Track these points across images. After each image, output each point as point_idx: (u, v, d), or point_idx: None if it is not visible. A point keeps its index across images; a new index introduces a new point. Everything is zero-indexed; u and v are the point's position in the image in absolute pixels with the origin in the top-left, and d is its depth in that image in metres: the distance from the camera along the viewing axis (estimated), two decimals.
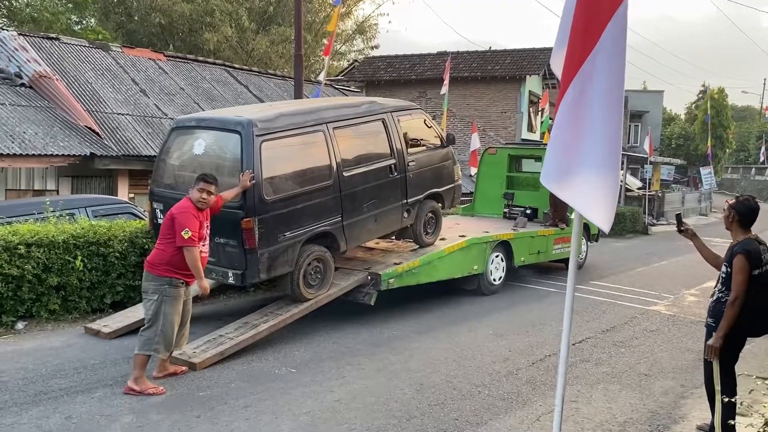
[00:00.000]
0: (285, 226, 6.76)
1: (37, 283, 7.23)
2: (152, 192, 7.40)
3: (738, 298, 4.44)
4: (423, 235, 8.79)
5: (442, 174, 9.08)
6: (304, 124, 7.21)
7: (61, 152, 10.73)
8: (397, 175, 8.18)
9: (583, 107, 2.93)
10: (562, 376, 3.54)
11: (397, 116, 8.44)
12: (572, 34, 2.93)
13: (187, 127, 7.30)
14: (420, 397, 5.56)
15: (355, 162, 7.66)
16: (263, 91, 17.93)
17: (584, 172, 2.98)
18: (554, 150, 3.05)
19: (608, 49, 2.86)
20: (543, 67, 23.80)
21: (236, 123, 6.72)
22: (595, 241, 13.72)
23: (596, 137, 2.93)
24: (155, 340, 5.50)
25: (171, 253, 5.46)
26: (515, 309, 9.10)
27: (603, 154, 2.91)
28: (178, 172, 7.17)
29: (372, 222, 7.88)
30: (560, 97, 3.00)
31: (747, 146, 55.87)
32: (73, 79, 13.35)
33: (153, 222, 7.39)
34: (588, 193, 2.98)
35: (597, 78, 2.90)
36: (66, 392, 5.40)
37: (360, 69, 26.29)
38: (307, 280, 7.14)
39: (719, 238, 19.75)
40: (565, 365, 3.52)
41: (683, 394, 6.00)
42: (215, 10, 27.83)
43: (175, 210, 5.55)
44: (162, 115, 13.96)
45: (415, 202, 8.49)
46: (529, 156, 13.46)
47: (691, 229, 4.95)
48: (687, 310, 9.65)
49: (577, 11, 2.93)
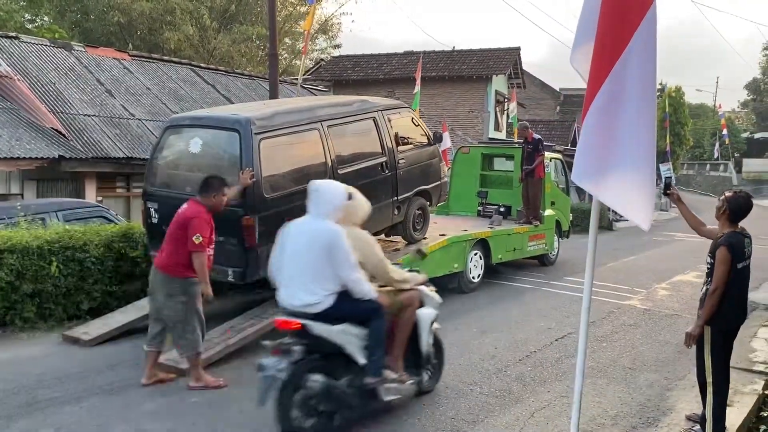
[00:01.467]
0: (284, 223, 6.70)
1: (10, 290, 7.00)
2: (146, 191, 7.24)
3: (718, 289, 4.54)
4: (412, 232, 8.90)
5: (430, 171, 9.20)
6: (300, 122, 7.23)
7: (27, 155, 10.41)
8: (388, 173, 8.27)
9: (616, 108, 2.97)
10: (581, 372, 3.57)
11: (387, 115, 8.53)
12: (599, 34, 2.95)
13: (183, 126, 7.24)
14: (414, 397, 5.56)
15: (349, 159, 7.70)
16: (230, 90, 17.71)
17: (620, 171, 3.02)
18: (586, 151, 3.08)
19: (640, 50, 2.89)
20: (509, 66, 24.08)
21: (234, 121, 6.69)
22: (566, 238, 13.96)
23: (631, 137, 2.96)
24: (196, 337, 5.58)
25: (187, 254, 5.45)
26: (496, 306, 9.19)
27: (639, 154, 2.95)
28: (173, 171, 7.12)
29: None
30: (589, 99, 3.03)
31: (702, 143, 57.58)
32: (35, 80, 12.96)
33: (146, 222, 7.24)
34: (625, 192, 3.02)
35: (630, 79, 2.93)
36: (52, 403, 5.23)
37: (327, 68, 26.18)
38: None
39: (681, 233, 20.35)
40: (584, 361, 3.55)
41: (668, 387, 6.14)
42: (176, 9, 27.37)
43: (189, 214, 5.49)
44: (129, 115, 13.66)
45: (405, 199, 8.61)
46: (501, 155, 13.62)
47: (677, 193, 4.98)
48: (660, 303, 9.87)
49: (603, 11, 2.95)
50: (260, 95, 18.11)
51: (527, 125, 12.21)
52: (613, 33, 2.93)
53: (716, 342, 4.68)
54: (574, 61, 3.19)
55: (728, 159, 54.14)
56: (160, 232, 6.71)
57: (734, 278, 4.59)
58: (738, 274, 4.62)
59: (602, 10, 2.94)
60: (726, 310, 4.61)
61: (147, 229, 7.26)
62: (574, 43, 3.18)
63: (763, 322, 8.66)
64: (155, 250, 6.85)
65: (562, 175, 13.80)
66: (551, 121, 33.20)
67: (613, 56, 2.90)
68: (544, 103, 36.45)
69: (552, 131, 30.26)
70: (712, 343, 4.68)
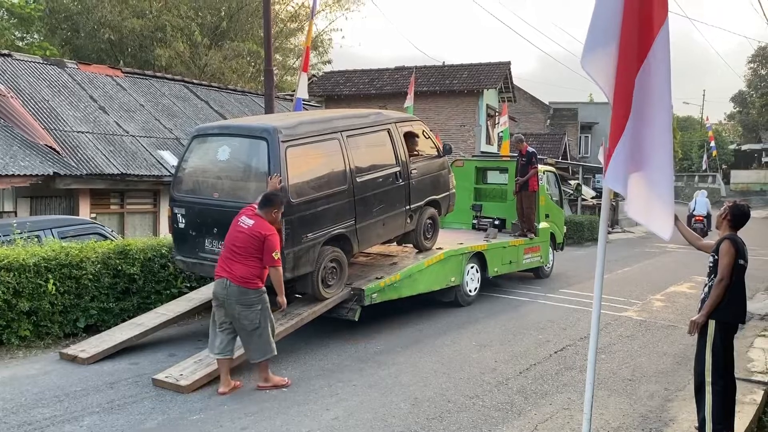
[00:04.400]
0: (308, 227, 7.07)
1: (7, 308, 6.93)
2: (173, 198, 7.49)
3: (724, 279, 4.77)
4: (423, 240, 9.19)
5: (440, 182, 9.54)
6: (322, 132, 7.57)
7: (22, 172, 10.35)
8: (401, 182, 8.59)
9: (642, 117, 3.01)
10: (591, 383, 3.58)
11: (400, 127, 8.86)
12: (622, 46, 3.00)
13: (210, 135, 7.60)
14: (417, 411, 5.55)
15: (366, 169, 8.01)
16: (224, 106, 17.72)
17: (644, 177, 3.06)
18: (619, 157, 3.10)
19: (660, 57, 2.94)
20: (499, 80, 24.26)
21: (262, 130, 7.00)
22: (560, 250, 14.02)
23: (654, 145, 3.00)
24: (269, 341, 5.95)
25: (260, 267, 5.85)
26: (493, 319, 9.19)
27: (662, 161, 2.99)
28: (200, 177, 7.40)
29: (381, 226, 8.27)
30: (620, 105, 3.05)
31: (690, 155, 58.06)
32: (29, 97, 12.92)
33: (173, 227, 7.47)
34: (647, 199, 3.06)
35: (652, 89, 2.98)
36: (51, 422, 5.17)
37: (318, 84, 26.28)
38: (325, 281, 7.43)
39: (672, 245, 20.47)
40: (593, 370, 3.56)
41: (668, 397, 6.16)
42: (167, 26, 27.41)
43: (264, 230, 5.81)
44: (123, 132, 13.63)
45: (417, 208, 8.93)
46: (494, 168, 13.69)
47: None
48: (656, 315, 9.92)
49: (625, 21, 2.99)
50: (253, 111, 18.13)
51: (522, 138, 12.27)
52: (637, 40, 2.97)
53: (717, 337, 4.85)
54: (588, 66, 3.19)
55: (716, 170, 54.59)
56: (187, 236, 7.21)
57: (736, 273, 4.83)
58: (740, 269, 4.86)
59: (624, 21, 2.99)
60: (728, 303, 4.82)
61: (174, 234, 7.50)
62: (585, 47, 3.17)
63: (759, 332, 8.72)
64: (181, 255, 7.38)
65: (555, 188, 13.87)
66: (542, 135, 33.42)
67: (638, 63, 2.95)
68: (534, 117, 36.71)
69: (543, 144, 30.47)
70: (714, 337, 4.85)
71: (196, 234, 7.18)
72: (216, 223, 6.94)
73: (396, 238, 9.05)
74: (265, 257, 5.79)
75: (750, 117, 60.55)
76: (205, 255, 7.11)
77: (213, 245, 7.02)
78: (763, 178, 53.39)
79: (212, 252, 6.98)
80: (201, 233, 7.14)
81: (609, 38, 3.07)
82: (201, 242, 7.15)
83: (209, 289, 8.21)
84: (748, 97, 59.78)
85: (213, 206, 7.04)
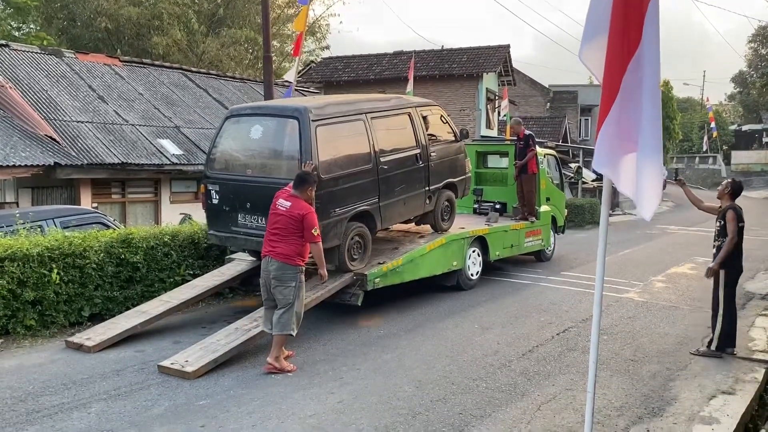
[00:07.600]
0: (336, 203, 7.41)
1: (12, 298, 6.98)
2: (206, 175, 7.82)
3: (733, 238, 6.58)
4: (441, 221, 9.48)
5: (457, 166, 9.84)
6: (348, 113, 7.94)
7: (23, 162, 10.37)
8: (421, 164, 8.87)
9: (633, 99, 3.02)
10: (594, 363, 3.62)
11: (419, 111, 9.15)
12: (612, 31, 3.00)
13: (243, 115, 7.94)
14: (421, 394, 5.60)
15: (389, 150, 8.32)
16: (223, 94, 17.69)
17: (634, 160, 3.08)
18: (606, 140, 3.12)
19: (650, 43, 2.95)
20: (499, 64, 24.12)
21: (294, 110, 7.36)
22: (562, 233, 14.05)
23: (644, 128, 3.02)
24: (293, 320, 6.13)
25: (301, 244, 6.10)
26: (495, 302, 9.24)
27: (651, 145, 3.00)
28: (233, 156, 7.79)
29: (402, 205, 8.59)
30: (608, 91, 3.06)
31: (690, 136, 57.89)
32: (27, 87, 12.91)
33: (207, 203, 7.78)
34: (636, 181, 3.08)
35: (644, 73, 2.99)
36: (60, 409, 5.23)
37: (317, 70, 26.14)
38: (351, 254, 7.77)
39: (673, 226, 20.51)
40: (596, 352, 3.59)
41: (670, 377, 6.21)
42: (163, 14, 27.28)
43: (303, 210, 6.06)
44: (123, 121, 13.62)
45: (435, 190, 9.22)
46: (495, 152, 13.68)
47: (683, 179, 7.61)
48: (657, 296, 9.96)
49: (614, 9, 2.99)
50: (252, 98, 18.09)
51: (520, 121, 12.25)
52: (627, 27, 2.97)
53: (727, 280, 6.70)
54: (585, 57, 3.21)
55: (717, 151, 54.51)
56: (220, 212, 7.54)
57: (739, 234, 6.61)
58: (740, 231, 6.65)
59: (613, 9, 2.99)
60: (733, 256, 6.64)
61: (207, 211, 7.81)
62: (583, 38, 3.21)
63: (760, 311, 8.76)
64: (215, 229, 7.75)
65: (556, 171, 13.87)
66: (542, 118, 33.32)
67: (630, 50, 2.95)
68: (534, 100, 36.56)
69: (543, 127, 30.39)
70: (725, 280, 6.70)
71: (230, 209, 7.53)
72: (249, 198, 7.34)
73: (415, 218, 9.35)
74: (305, 234, 6.06)
75: (750, 97, 60.27)
76: (238, 229, 7.50)
77: (246, 220, 7.42)
78: (763, 158, 53.32)
79: (245, 226, 7.41)
80: (234, 209, 7.50)
81: (602, 28, 3.10)
82: (234, 217, 7.52)
83: (213, 277, 8.29)
84: (748, 77, 59.43)
85: (246, 182, 7.40)
